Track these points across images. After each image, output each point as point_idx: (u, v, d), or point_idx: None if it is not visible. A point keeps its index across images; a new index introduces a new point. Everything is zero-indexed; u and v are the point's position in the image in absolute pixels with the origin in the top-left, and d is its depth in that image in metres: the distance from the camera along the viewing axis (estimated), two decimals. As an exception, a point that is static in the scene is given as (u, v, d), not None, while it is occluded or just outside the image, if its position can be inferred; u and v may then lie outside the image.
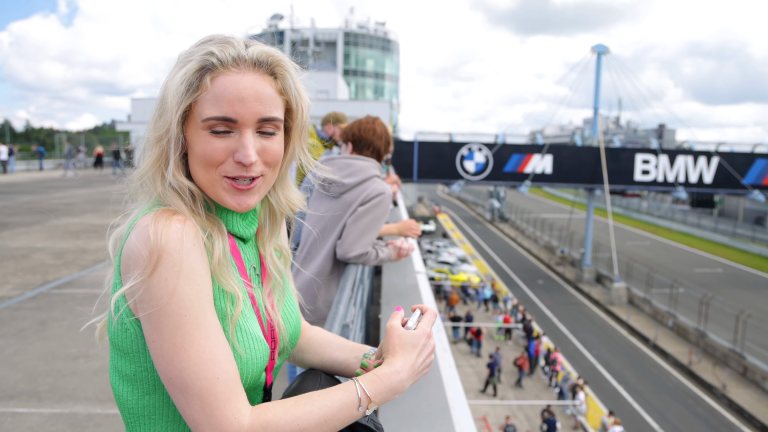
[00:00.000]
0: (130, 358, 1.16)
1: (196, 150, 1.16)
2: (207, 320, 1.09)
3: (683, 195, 39.38)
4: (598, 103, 43.88)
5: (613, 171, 38.50)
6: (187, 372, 1.06)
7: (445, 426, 2.82)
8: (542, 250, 56.47)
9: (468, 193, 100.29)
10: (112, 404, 4.92)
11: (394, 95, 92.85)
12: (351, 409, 1.16)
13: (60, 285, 8.62)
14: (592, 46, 43.88)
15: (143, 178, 1.19)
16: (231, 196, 1.19)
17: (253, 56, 1.17)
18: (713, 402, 25.53)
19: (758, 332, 28.28)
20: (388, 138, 3.69)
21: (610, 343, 32.38)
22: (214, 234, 1.19)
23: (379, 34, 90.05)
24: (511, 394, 25.85)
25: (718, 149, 38.84)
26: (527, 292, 42.12)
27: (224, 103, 1.13)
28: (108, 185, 4.16)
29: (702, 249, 56.49)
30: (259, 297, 1.31)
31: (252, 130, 1.17)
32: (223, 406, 1.06)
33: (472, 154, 38.07)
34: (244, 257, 1.30)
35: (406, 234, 4.27)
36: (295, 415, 1.10)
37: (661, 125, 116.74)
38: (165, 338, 1.07)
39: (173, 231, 1.09)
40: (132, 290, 1.08)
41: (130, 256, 1.08)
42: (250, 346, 1.20)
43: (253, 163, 1.17)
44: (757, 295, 39.02)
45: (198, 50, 1.16)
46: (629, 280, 39.77)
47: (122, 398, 1.19)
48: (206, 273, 1.12)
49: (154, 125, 1.17)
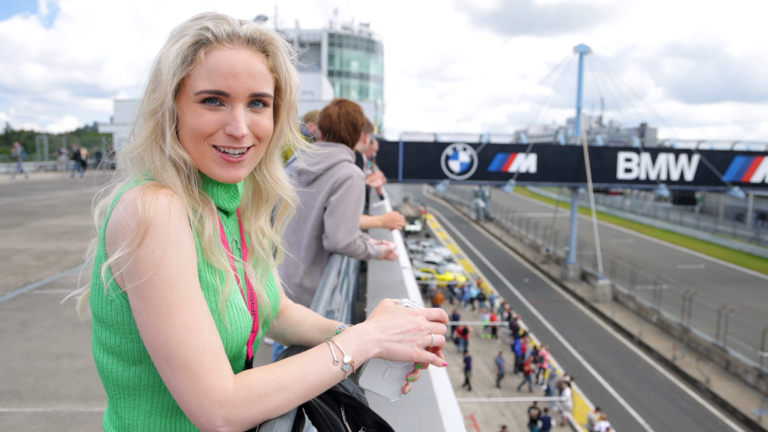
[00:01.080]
0: (115, 330, 1.17)
1: (188, 122, 1.18)
2: (192, 291, 1.11)
3: (665, 192, 39.75)
4: (581, 103, 44.20)
5: (596, 169, 38.78)
6: (173, 342, 1.07)
7: (431, 412, 2.83)
8: (527, 249, 56.73)
9: (453, 192, 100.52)
10: (96, 402, 4.87)
11: (378, 96, 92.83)
12: (326, 364, 1.16)
13: (42, 286, 8.52)
14: (575, 46, 44.20)
15: (137, 150, 1.20)
16: (221, 167, 1.21)
17: (247, 33, 1.20)
18: (697, 396, 25.79)
19: (740, 326, 28.64)
20: (351, 119, 3.59)
21: (595, 340, 32.61)
22: (204, 213, 1.20)
23: (364, 35, 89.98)
24: (498, 392, 25.93)
25: (698, 147, 39.32)
26: (513, 290, 42.29)
27: (218, 77, 1.16)
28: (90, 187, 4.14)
29: (684, 246, 57.06)
30: (240, 270, 1.32)
31: (243, 105, 1.19)
32: (209, 374, 1.07)
33: (457, 154, 38.16)
34: (226, 230, 1.32)
35: (391, 226, 4.27)
36: (275, 374, 1.12)
37: (643, 124, 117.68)
38: (151, 309, 1.08)
39: (161, 204, 1.10)
40: (119, 261, 1.09)
41: (118, 228, 1.09)
42: (236, 316, 1.22)
43: (244, 135, 1.19)
44: (738, 290, 39.50)
45: (192, 25, 1.18)
46: (613, 278, 40.08)
47: (107, 370, 1.19)
48: (192, 246, 1.14)
49: (148, 98, 1.18)
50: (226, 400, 1.06)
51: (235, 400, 1.07)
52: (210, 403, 1.06)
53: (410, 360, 1.23)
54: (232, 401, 1.07)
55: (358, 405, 1.28)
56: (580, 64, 43.61)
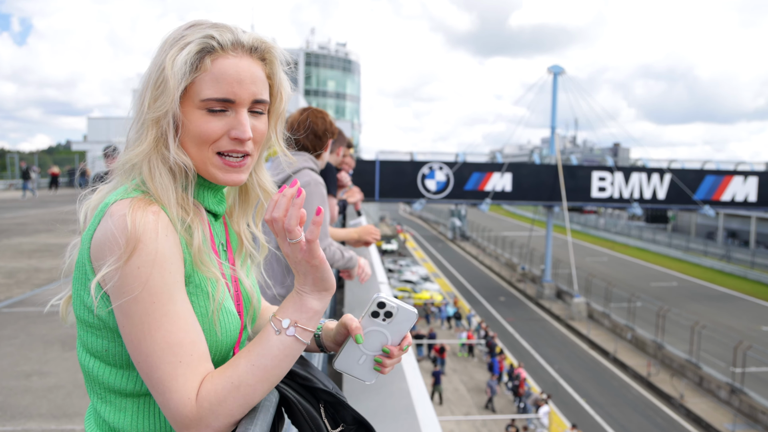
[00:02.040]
0: (101, 335, 1.18)
1: (191, 128, 1.20)
2: (176, 306, 1.12)
3: (638, 211, 40.39)
4: (555, 123, 44.88)
5: (570, 188, 39.26)
6: (153, 357, 1.09)
7: (409, 421, 2.82)
8: (503, 268, 57.03)
9: (429, 212, 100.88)
10: (67, 420, 4.77)
11: (355, 115, 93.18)
12: (269, 339, 1.15)
13: (11, 304, 8.34)
14: (548, 67, 44.94)
15: (138, 158, 1.19)
16: (223, 172, 1.24)
17: (249, 41, 1.23)
18: (672, 412, 26.01)
19: (712, 343, 29.04)
20: (311, 126, 3.53)
21: (571, 358, 32.76)
22: (194, 222, 1.20)
23: (340, 54, 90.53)
24: (475, 410, 25.86)
25: (670, 166, 40.10)
26: (489, 309, 42.40)
27: (224, 85, 1.19)
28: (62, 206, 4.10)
29: (657, 263, 57.86)
30: (228, 272, 1.33)
31: (246, 110, 1.22)
32: (180, 390, 1.08)
33: (433, 173, 38.37)
34: (213, 233, 1.33)
35: (366, 239, 4.26)
36: (226, 375, 1.12)
37: (616, 144, 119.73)
38: (134, 324, 1.09)
39: (149, 221, 1.10)
40: (106, 277, 1.09)
41: (106, 242, 1.10)
42: (226, 320, 1.24)
43: (250, 139, 1.22)
44: (710, 307, 40.10)
45: (192, 33, 1.20)
46: (588, 295, 40.42)
47: (93, 373, 1.20)
48: (178, 259, 1.14)
49: (149, 107, 1.19)
50: (192, 414, 1.08)
51: (200, 412, 1.08)
52: (181, 419, 1.08)
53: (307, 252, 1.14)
54: (198, 415, 1.08)
55: (338, 402, 1.28)
56: (554, 85, 44.31)
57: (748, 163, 41.61)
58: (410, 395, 3.07)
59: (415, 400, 3.07)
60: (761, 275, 49.61)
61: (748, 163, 41.49)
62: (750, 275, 50.68)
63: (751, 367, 26.54)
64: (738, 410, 24.89)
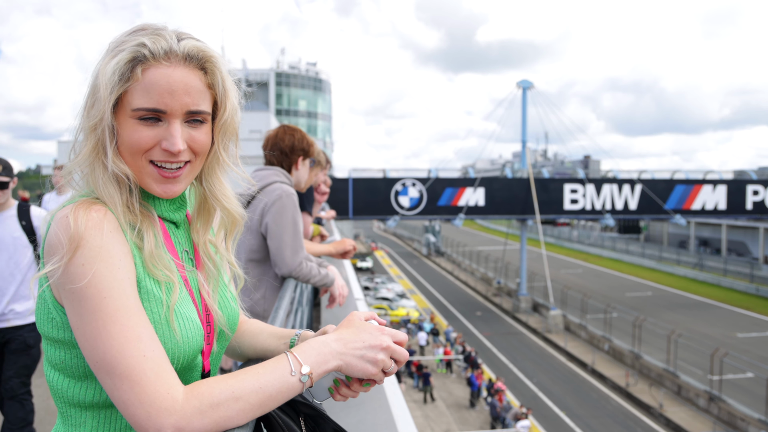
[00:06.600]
0: (59, 346, 1.18)
1: (125, 137, 1.19)
2: (129, 301, 1.10)
3: (611, 222, 40.83)
4: (526, 137, 45.40)
5: (543, 201, 39.62)
6: (112, 352, 1.05)
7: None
8: (479, 282, 57.16)
9: (404, 228, 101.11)
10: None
11: (327, 134, 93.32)
12: (284, 374, 1.13)
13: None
14: (518, 82, 45.58)
15: (80, 166, 1.21)
16: (157, 183, 1.23)
17: (185, 50, 1.20)
18: (651, 422, 26.04)
19: (689, 351, 29.27)
20: (278, 142, 3.56)
21: (549, 370, 32.77)
22: (144, 227, 1.21)
23: (311, 74, 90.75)
24: (455, 426, 25.65)
25: (640, 177, 40.77)
26: (466, 324, 42.34)
27: (155, 95, 1.17)
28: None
29: (631, 274, 58.51)
30: (193, 280, 1.32)
31: (180, 121, 1.20)
32: (154, 383, 1.04)
33: (407, 189, 38.44)
34: (174, 240, 1.33)
35: (344, 249, 4.18)
36: (228, 383, 1.09)
37: (587, 156, 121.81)
38: (87, 321, 1.07)
39: (92, 219, 1.11)
40: (50, 275, 1.10)
41: (51, 245, 1.11)
42: (184, 325, 1.21)
43: (180, 151, 1.20)
44: (686, 315, 40.55)
45: (129, 40, 1.18)
46: (564, 308, 40.61)
47: (55, 387, 1.19)
48: (126, 257, 1.13)
49: (87, 114, 1.19)
50: (175, 408, 1.03)
51: (185, 408, 1.03)
52: (157, 412, 1.02)
53: (368, 377, 1.20)
54: (182, 410, 1.03)
55: (318, 414, 1.27)
56: (523, 100, 44.88)
57: (717, 171, 42.59)
58: (390, 410, 3.02)
59: (396, 416, 3.02)
60: (734, 282, 50.37)
61: (717, 172, 42.47)
62: (723, 282, 51.44)
63: (728, 374, 26.73)
64: (717, 418, 25.03)
